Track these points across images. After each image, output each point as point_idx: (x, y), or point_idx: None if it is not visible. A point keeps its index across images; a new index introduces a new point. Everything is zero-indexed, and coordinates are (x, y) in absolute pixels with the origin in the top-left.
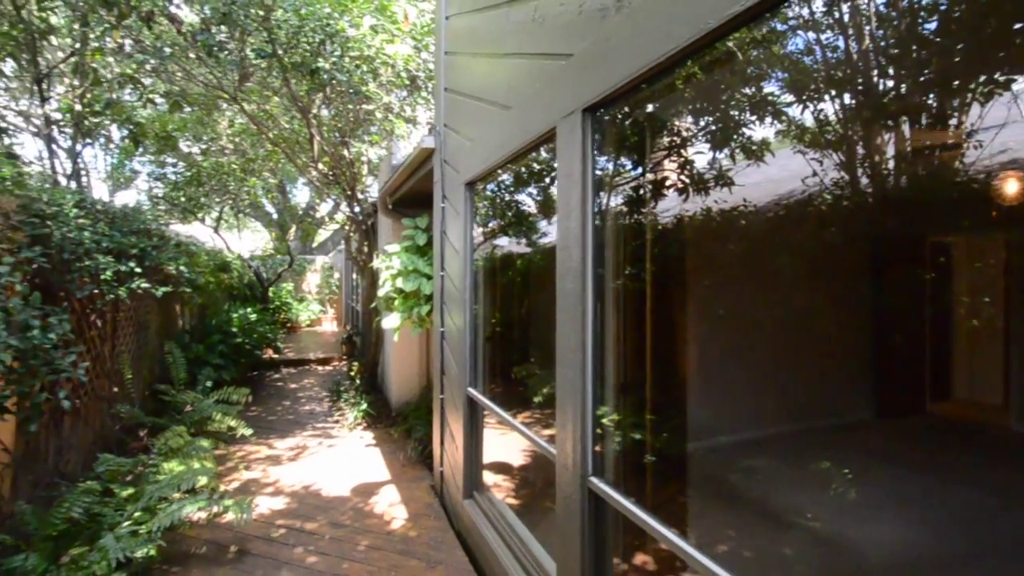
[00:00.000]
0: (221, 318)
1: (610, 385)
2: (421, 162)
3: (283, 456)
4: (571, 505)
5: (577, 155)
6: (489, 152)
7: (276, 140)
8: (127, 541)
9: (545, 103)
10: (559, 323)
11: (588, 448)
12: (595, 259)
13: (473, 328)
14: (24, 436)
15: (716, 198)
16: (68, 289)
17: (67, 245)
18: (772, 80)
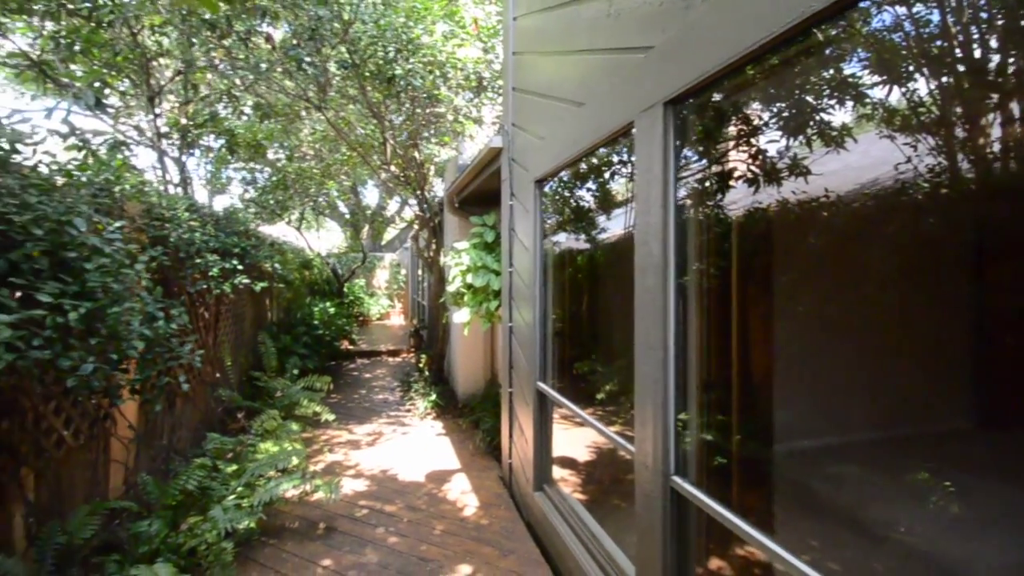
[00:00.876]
0: (305, 311)
1: (693, 383)
2: (488, 161)
3: (362, 441)
4: (652, 504)
5: (657, 149)
6: (560, 149)
7: (353, 144)
8: (232, 513)
9: (621, 98)
10: (638, 319)
11: (671, 447)
12: (677, 255)
13: (543, 323)
14: (145, 415)
15: (797, 189)
16: (182, 284)
17: (182, 245)
18: (857, 60)
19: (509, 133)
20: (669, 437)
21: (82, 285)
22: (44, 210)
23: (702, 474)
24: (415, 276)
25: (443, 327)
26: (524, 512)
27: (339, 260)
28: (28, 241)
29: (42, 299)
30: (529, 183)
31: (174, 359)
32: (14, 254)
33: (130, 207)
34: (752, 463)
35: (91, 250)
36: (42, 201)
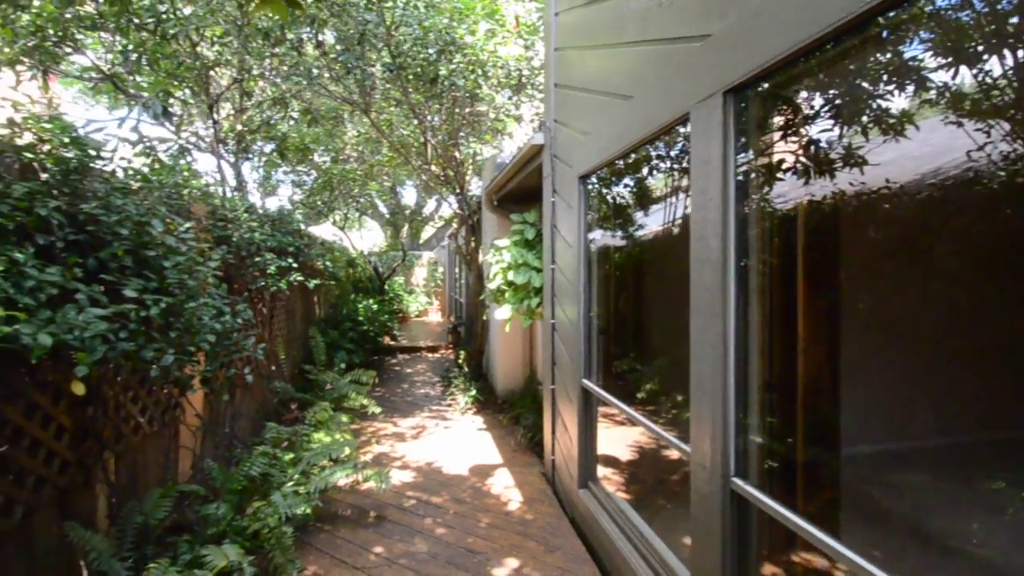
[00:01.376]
0: (350, 307)
1: (754, 382)
2: (529, 158)
3: (406, 434)
4: (709, 506)
5: (716, 140)
6: (606, 144)
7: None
8: (291, 499)
9: (675, 89)
10: (694, 316)
11: (730, 447)
12: (738, 249)
13: (587, 320)
14: (209, 404)
15: (860, 180)
16: (243, 282)
17: (243, 244)
18: (920, 41)
19: (551, 129)
20: (729, 438)
21: (161, 282)
22: (128, 211)
23: (764, 476)
24: (452, 274)
25: (481, 324)
26: (568, 509)
27: (380, 258)
28: (115, 241)
29: (128, 294)
30: (572, 179)
31: (239, 352)
32: (103, 253)
33: (196, 209)
34: (816, 466)
35: (168, 249)
36: (125, 203)
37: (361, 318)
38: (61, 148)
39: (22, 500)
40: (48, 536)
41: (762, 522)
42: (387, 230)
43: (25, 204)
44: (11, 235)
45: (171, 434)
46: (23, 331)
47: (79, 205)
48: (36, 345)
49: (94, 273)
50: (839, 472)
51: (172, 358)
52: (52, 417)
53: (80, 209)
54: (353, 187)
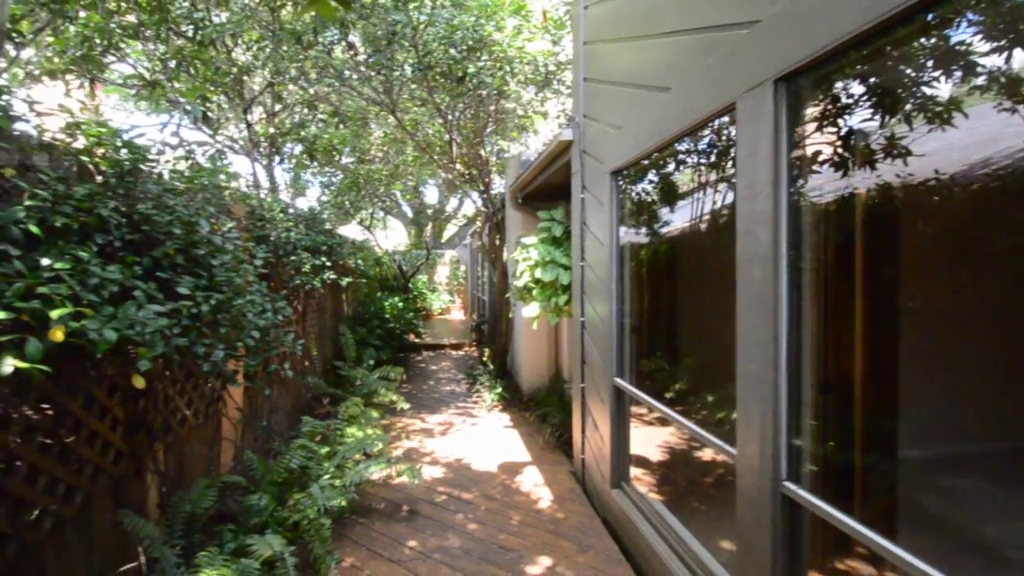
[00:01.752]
0: (377, 305)
1: (807, 382)
2: (557, 154)
3: (435, 430)
4: (758, 510)
5: (766, 130)
6: (641, 138)
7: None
8: (328, 492)
9: (719, 78)
10: (741, 313)
11: (781, 450)
12: (791, 243)
13: (619, 318)
14: (249, 398)
15: (926, 171)
16: (280, 279)
17: (280, 243)
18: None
19: (580, 125)
20: (780, 439)
21: (210, 279)
22: (180, 211)
23: (818, 480)
24: (474, 272)
25: (506, 322)
26: (600, 509)
27: (403, 257)
28: (168, 240)
29: (181, 291)
30: (604, 175)
31: (279, 348)
32: (156, 251)
33: (236, 209)
34: (874, 470)
35: (215, 248)
36: (176, 203)
37: (388, 315)
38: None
39: (82, 488)
40: (103, 522)
41: (815, 528)
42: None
43: (87, 205)
44: (74, 235)
45: (214, 427)
46: (90, 327)
47: (135, 206)
48: (102, 340)
49: (149, 271)
50: (898, 476)
51: (222, 353)
52: (108, 409)
53: (136, 209)
54: (379, 187)
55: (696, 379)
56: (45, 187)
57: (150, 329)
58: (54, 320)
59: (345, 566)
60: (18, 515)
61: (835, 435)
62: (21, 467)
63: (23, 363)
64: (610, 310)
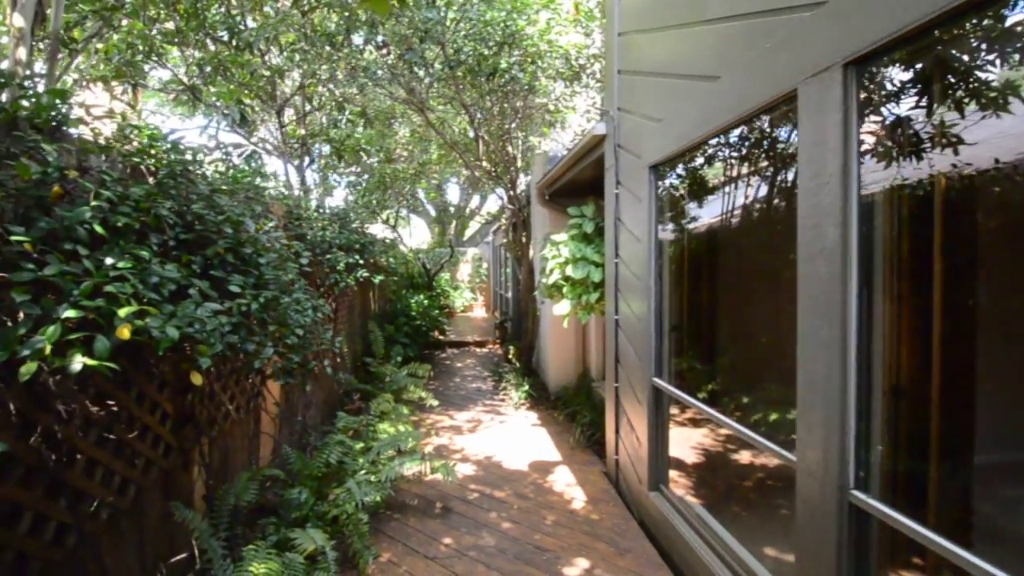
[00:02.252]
0: (403, 303)
1: (878, 385)
2: (589, 149)
3: (463, 427)
4: (822, 520)
5: (834, 118)
6: (684, 130)
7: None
8: (365, 487)
9: (776, 65)
10: (803, 313)
11: (849, 457)
12: (861, 239)
13: (658, 316)
14: (285, 393)
15: (1010, 157)
16: (317, 278)
17: (316, 242)
18: None
19: (614, 118)
20: (847, 446)
21: (258, 277)
22: (231, 211)
23: (890, 489)
24: (496, 269)
25: (532, 320)
26: (636, 511)
27: (427, 255)
28: (219, 239)
29: (233, 289)
30: (641, 169)
31: (320, 345)
32: (208, 250)
33: (275, 209)
34: (953, 479)
35: (261, 247)
36: (226, 203)
37: (414, 313)
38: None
39: (135, 480)
40: (154, 514)
41: (884, 538)
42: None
43: (145, 205)
44: (133, 234)
45: (254, 421)
46: (152, 325)
47: (188, 206)
48: (165, 338)
49: (202, 270)
50: (977, 484)
51: (271, 350)
52: (158, 404)
53: (189, 209)
54: (404, 186)
55: (744, 381)
56: (107, 188)
57: (209, 327)
58: (121, 318)
59: (383, 561)
60: (78, 507)
61: (908, 442)
62: (80, 460)
63: (92, 360)
64: (648, 308)
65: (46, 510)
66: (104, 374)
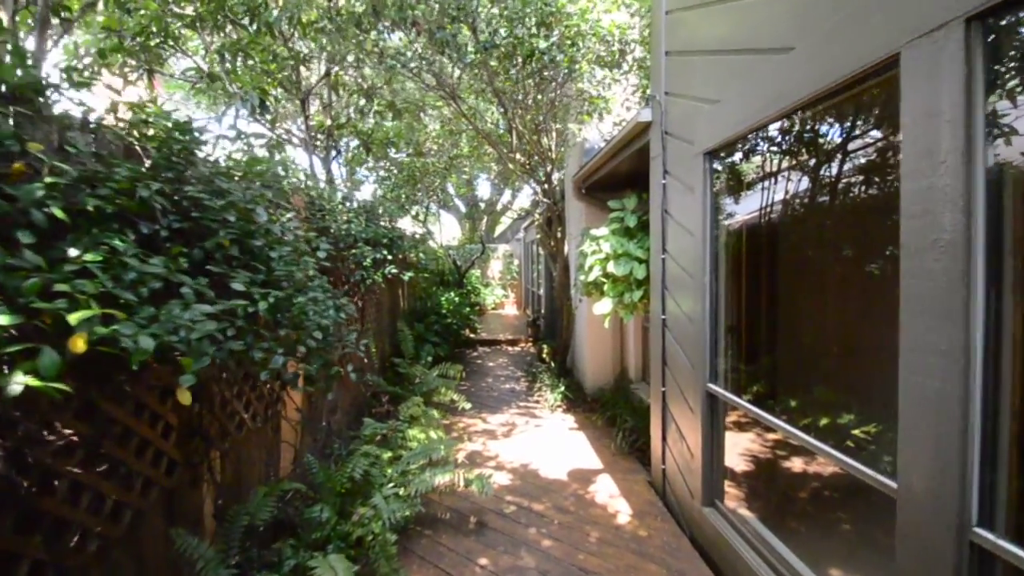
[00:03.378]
0: (434, 300)
1: (1007, 403)
2: (632, 138)
3: (497, 431)
4: (933, 563)
5: (951, 85)
6: (746, 111)
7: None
8: (393, 504)
9: (872, 27)
10: (906, 315)
11: (971, 489)
12: (989, 227)
13: (713, 316)
14: (308, 398)
15: None
16: (341, 274)
17: (341, 236)
18: None
19: (662, 104)
20: (969, 474)
21: (268, 274)
22: (235, 196)
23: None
24: (528, 266)
25: (567, 318)
26: (687, 527)
27: (457, 252)
28: (221, 229)
29: (236, 287)
30: (694, 157)
31: (343, 349)
32: (208, 242)
33: (296, 199)
34: None
35: (274, 239)
36: (231, 187)
37: (444, 311)
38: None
39: (131, 504)
40: (155, 539)
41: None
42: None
43: (128, 186)
44: (113, 221)
45: (272, 429)
46: (122, 332)
47: (184, 189)
48: (137, 349)
49: (200, 264)
50: None
51: (282, 359)
52: (160, 416)
53: (184, 193)
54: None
55: (819, 391)
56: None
57: (197, 334)
58: (74, 325)
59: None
60: (59, 539)
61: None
62: (60, 485)
63: (35, 381)
64: (702, 307)
65: (14, 548)
66: (55, 397)
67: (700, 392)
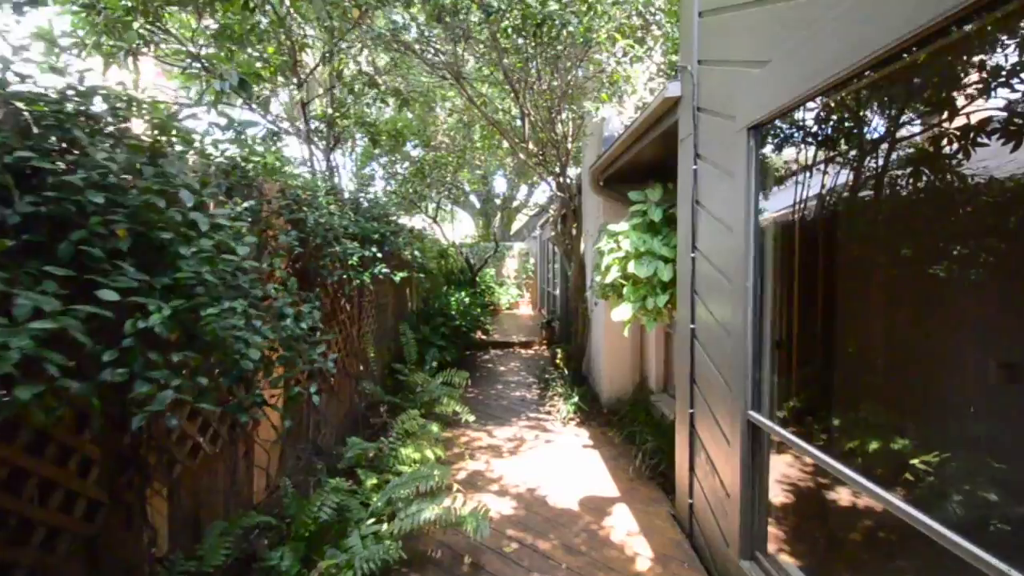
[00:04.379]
0: (442, 301)
1: None
2: (658, 118)
3: (503, 447)
4: None
5: None
6: (808, 70)
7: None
8: (371, 547)
9: None
10: None
11: None
12: None
13: (757, 328)
14: (289, 414)
15: None
16: (321, 274)
17: (319, 230)
18: None
19: (693, 75)
20: None
21: (178, 278)
22: (108, 167)
23: None
24: (544, 265)
25: (582, 321)
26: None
27: (471, 250)
28: (96, 214)
29: (105, 296)
30: (734, 135)
31: (306, 365)
32: (77, 234)
33: (269, 188)
34: None
35: (189, 231)
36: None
37: (453, 312)
38: None
39: (25, 565)
40: None
41: None
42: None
43: None
44: None
45: (241, 453)
46: None
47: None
48: None
49: (72, 263)
50: None
51: (173, 393)
52: (73, 448)
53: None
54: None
55: (908, 432)
56: None
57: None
58: None
59: None
60: None
61: None
62: None
63: None
64: (742, 317)
65: None
66: None
67: (739, 420)
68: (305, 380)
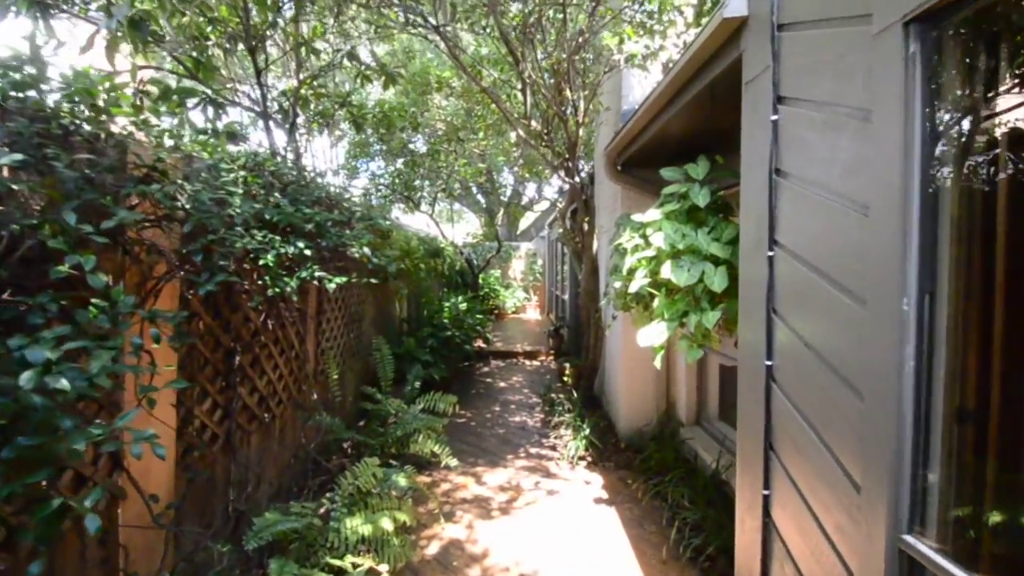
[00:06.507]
0: (433, 308)
1: None
2: (710, 56)
3: (492, 501)
4: None
5: None
6: None
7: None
8: None
9: None
10: None
11: None
12: None
13: (921, 383)
14: (187, 475)
15: None
16: (195, 282)
17: (199, 213)
18: None
19: None
20: None
21: None
22: None
23: None
24: (552, 267)
25: (595, 332)
26: None
27: (473, 250)
28: None
29: None
30: (871, 41)
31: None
32: None
33: (143, 151)
34: None
35: None
36: None
37: (446, 321)
38: None
39: None
40: None
41: None
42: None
43: None
44: None
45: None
46: None
47: None
48: None
49: None
50: None
51: None
52: None
53: None
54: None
55: None
56: None
57: None
58: None
59: None
60: None
61: None
62: None
63: None
64: (890, 364)
65: None
66: None
67: (879, 543)
68: (102, 472)
